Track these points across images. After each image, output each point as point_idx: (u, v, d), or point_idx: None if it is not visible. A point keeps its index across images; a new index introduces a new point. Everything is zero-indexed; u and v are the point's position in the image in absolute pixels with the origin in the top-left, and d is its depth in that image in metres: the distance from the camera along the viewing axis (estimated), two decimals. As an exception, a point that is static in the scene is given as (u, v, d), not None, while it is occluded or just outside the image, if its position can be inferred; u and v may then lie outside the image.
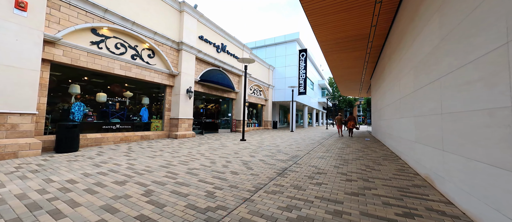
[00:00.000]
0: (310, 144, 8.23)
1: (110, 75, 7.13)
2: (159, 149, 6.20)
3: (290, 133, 14.17)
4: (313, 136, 12.00)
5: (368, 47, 8.42)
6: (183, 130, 9.24)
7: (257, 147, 7.16)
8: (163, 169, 4.02)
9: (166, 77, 8.89)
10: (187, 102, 9.43)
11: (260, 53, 21.40)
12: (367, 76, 13.11)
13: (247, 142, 8.66)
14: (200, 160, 4.89)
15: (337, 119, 14.64)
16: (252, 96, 16.54)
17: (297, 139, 10.05)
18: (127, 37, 7.36)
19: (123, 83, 7.86)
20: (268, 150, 6.67)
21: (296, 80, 18.94)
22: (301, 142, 8.98)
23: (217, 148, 6.74)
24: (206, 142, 8.10)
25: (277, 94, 19.74)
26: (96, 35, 6.46)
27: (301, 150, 6.74)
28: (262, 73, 18.00)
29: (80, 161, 4.47)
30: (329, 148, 7.27)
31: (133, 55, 7.57)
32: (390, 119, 7.11)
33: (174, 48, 9.15)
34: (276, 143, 8.49)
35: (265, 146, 7.56)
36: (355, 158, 5.51)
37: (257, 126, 18.09)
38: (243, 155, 5.76)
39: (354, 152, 6.62)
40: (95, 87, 7.23)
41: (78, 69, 6.38)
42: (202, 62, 10.86)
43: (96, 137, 6.53)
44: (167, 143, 7.46)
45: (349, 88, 18.22)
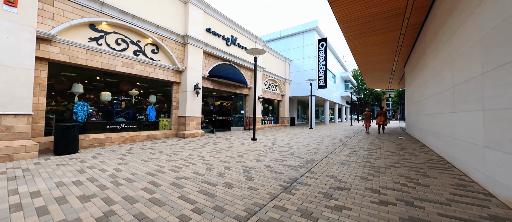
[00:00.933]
0: (330, 144, 7.07)
1: (116, 74, 6.86)
2: (159, 151, 5.70)
3: (308, 131, 12.96)
4: (334, 134, 10.67)
5: (403, 26, 6.87)
6: (191, 129, 8.77)
7: (267, 148, 6.28)
8: (147, 178, 3.39)
9: (172, 73, 8.45)
10: (194, 99, 8.91)
11: (276, 46, 20.23)
12: (400, 63, 11.22)
13: (257, 141, 7.82)
14: (196, 166, 4.20)
15: (365, 115, 13.08)
16: (267, 92, 15.60)
17: (316, 138, 8.90)
18: (128, 32, 6.99)
19: (132, 82, 7.59)
20: (279, 152, 5.76)
21: (315, 72, 17.44)
22: (319, 141, 7.84)
23: (222, 149, 6.03)
24: (213, 142, 7.48)
25: (294, 89, 18.47)
26: (94, 31, 6.16)
27: (318, 152, 5.68)
28: (277, 67, 16.90)
29: (70, 165, 4.11)
30: (353, 150, 6.07)
31: (136, 51, 7.20)
32: (435, 114, 5.63)
33: (180, 42, 8.65)
34: (291, 143, 7.50)
35: (277, 146, 6.65)
36: (389, 165, 4.31)
37: (274, 123, 17.14)
38: (248, 158, 4.94)
39: (387, 155, 5.35)
40: (106, 86, 7.00)
41: (87, 69, 6.18)
42: (211, 57, 10.24)
43: (99, 138, 6.30)
44: (172, 144, 6.99)
45: (377, 80, 16.14)
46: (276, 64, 16.65)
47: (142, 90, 8.04)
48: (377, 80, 16.60)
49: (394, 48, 8.87)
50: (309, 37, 18.03)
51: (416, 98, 8.83)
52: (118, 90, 7.31)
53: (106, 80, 7.04)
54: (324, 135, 10.42)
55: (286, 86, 18.09)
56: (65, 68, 5.96)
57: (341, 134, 11.05)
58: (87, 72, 6.47)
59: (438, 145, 5.39)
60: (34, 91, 5.14)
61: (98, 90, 6.85)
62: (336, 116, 26.84)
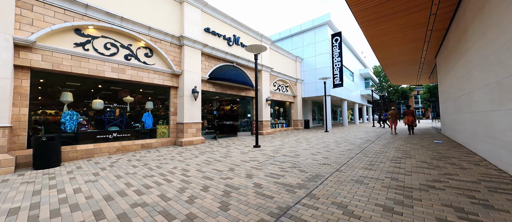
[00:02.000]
0: (345, 152, 5.87)
1: (115, 81, 6.51)
2: (144, 163, 5.08)
3: (322, 134, 11.64)
4: (352, 138, 9.29)
5: (433, 4, 5.51)
6: (189, 136, 8.15)
7: (268, 158, 5.33)
8: (98, 205, 2.68)
9: (168, 77, 7.95)
10: (193, 104, 8.30)
11: (286, 45, 19.18)
12: (430, 53, 9.51)
13: (260, 149, 6.89)
14: (170, 185, 3.43)
15: (391, 114, 11.53)
16: (277, 93, 14.60)
17: (329, 144, 7.69)
18: (118, 36, 6.63)
19: (133, 89, 7.22)
20: (280, 163, 4.77)
21: (329, 70, 16.01)
22: (333, 148, 6.65)
23: (214, 161, 5.23)
24: (210, 151, 6.73)
25: (307, 89, 17.18)
26: (80, 36, 5.85)
27: (328, 164, 4.58)
28: (287, 66, 15.84)
29: (34, 184, 3.61)
30: (374, 160, 4.84)
31: (127, 55, 6.81)
32: (489, 112, 4.21)
33: (175, 44, 8.15)
34: (298, 150, 6.44)
35: (280, 156, 5.65)
36: (426, 185, 3.10)
37: (285, 126, 16.01)
38: (238, 173, 4.06)
39: (421, 167, 4.07)
40: (104, 94, 6.71)
41: (81, 77, 5.90)
42: (211, 58, 9.63)
43: (88, 149, 5.91)
44: (164, 154, 6.38)
45: (402, 75, 14.21)
46: (285, 63, 15.61)
47: (140, 96, 7.65)
48: (402, 75, 14.64)
49: (422, 34, 7.37)
50: (321, 32, 16.71)
51: (454, 93, 7.19)
52: (114, 97, 6.96)
53: (103, 87, 6.74)
54: (340, 139, 9.10)
55: (297, 87, 16.90)
56: (57, 77, 5.70)
57: (361, 137, 9.60)
58: (81, 80, 6.19)
59: (497, 153, 3.96)
60: (14, 101, 4.87)
61: (92, 98, 6.53)
62: (356, 116, 24.70)
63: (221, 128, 12.57)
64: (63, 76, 5.80)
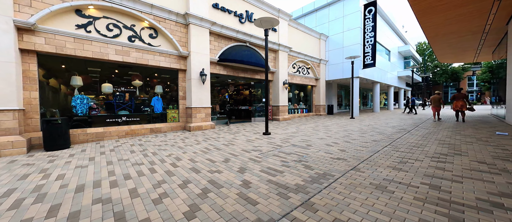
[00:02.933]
0: (370, 144, 4.82)
1: (125, 64, 6.42)
2: (144, 149, 4.90)
3: (347, 121, 10.33)
4: (382, 126, 7.90)
5: None
6: (198, 121, 7.87)
7: (273, 148, 4.65)
8: (55, 200, 2.41)
9: (175, 59, 7.58)
10: (201, 88, 7.90)
11: (310, 21, 17.23)
12: (499, 18, 7.18)
13: (268, 137, 6.22)
14: (150, 177, 3.05)
15: (433, 99, 9.71)
16: (296, 76, 13.37)
17: (352, 133, 6.59)
18: (120, 16, 6.34)
19: (141, 73, 7.12)
20: (285, 155, 4.06)
21: (359, 48, 13.93)
22: (355, 138, 5.60)
23: (214, 149, 4.77)
24: (216, 137, 6.32)
25: (332, 71, 15.42)
26: (81, 17, 5.69)
27: (344, 159, 3.70)
28: (309, 46, 14.25)
29: (27, 166, 3.63)
30: (407, 156, 3.76)
31: (131, 37, 6.55)
32: None
33: (181, 23, 7.62)
34: (312, 140, 5.58)
35: (288, 145, 4.91)
36: (488, 201, 2.08)
37: (306, 112, 14.87)
38: (232, 166, 3.49)
39: (476, 171, 2.93)
40: (117, 77, 6.77)
41: (92, 61, 5.92)
42: (221, 38, 8.92)
43: (97, 132, 6.02)
44: (170, 139, 6.20)
45: (456, 49, 11.48)
46: (307, 42, 14.03)
47: (149, 79, 7.53)
48: (455, 51, 11.86)
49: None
50: (352, 3, 14.37)
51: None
52: (124, 81, 6.94)
53: (113, 72, 6.73)
54: (367, 128, 7.82)
55: (321, 68, 15.27)
56: (68, 61, 5.76)
57: (393, 125, 8.12)
58: (94, 64, 6.21)
59: None
60: (24, 85, 5.02)
61: (104, 82, 6.56)
62: (391, 101, 21.85)
63: (235, 113, 12.15)
64: (76, 60, 5.84)
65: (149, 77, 7.58)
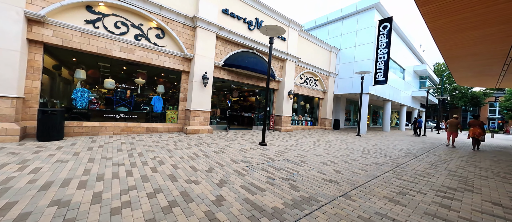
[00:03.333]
0: (370, 167, 4.41)
1: (131, 62, 6.51)
2: (131, 149, 4.79)
3: (352, 139, 9.81)
4: (389, 148, 7.38)
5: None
6: (196, 124, 7.75)
7: (264, 161, 4.37)
8: (13, 198, 2.29)
9: (179, 61, 7.60)
10: (202, 91, 7.83)
11: (322, 34, 17.02)
12: (527, 42, 6.59)
13: (263, 148, 5.94)
14: (123, 181, 2.88)
15: (450, 123, 9.10)
16: (303, 87, 13.08)
17: (353, 152, 6.16)
18: (129, 14, 6.47)
19: (145, 72, 7.22)
20: (274, 170, 3.77)
21: (370, 64, 13.47)
22: (356, 159, 5.20)
23: (202, 156, 4.57)
24: (209, 143, 6.14)
25: (341, 84, 14.98)
26: (91, 13, 5.84)
27: (336, 181, 3.36)
28: (319, 57, 13.98)
29: (12, 155, 3.60)
30: (409, 186, 3.35)
31: (137, 36, 6.64)
32: None
33: (189, 26, 7.68)
34: (308, 156, 5.25)
35: (281, 160, 4.61)
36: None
37: (311, 124, 14.42)
38: (213, 177, 3.26)
39: (489, 215, 2.49)
40: (126, 74, 6.92)
41: (104, 58, 6.05)
42: (228, 43, 8.90)
43: (93, 126, 6.04)
44: (163, 140, 6.09)
45: (475, 73, 10.73)
46: (317, 53, 13.78)
47: (156, 79, 7.60)
48: (475, 75, 11.10)
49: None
50: (366, 18, 14.06)
51: None
52: (126, 79, 7.02)
53: (124, 68, 6.86)
54: (371, 148, 7.33)
55: (329, 81, 14.88)
56: (80, 54, 5.93)
57: (401, 148, 7.56)
58: (104, 59, 6.37)
59: None
60: (27, 74, 5.14)
61: (110, 77, 6.66)
62: (403, 121, 20.85)
63: (238, 119, 11.99)
64: (87, 55, 5.98)
65: (153, 77, 7.63)
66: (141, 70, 7.30)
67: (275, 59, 10.93)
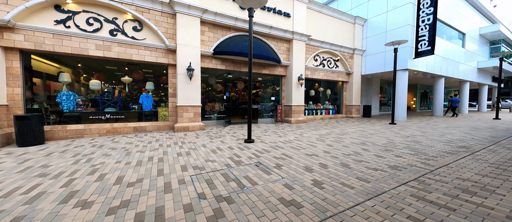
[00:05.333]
0: (380, 173, 2.87)
1: (110, 60, 6.30)
2: (104, 154, 4.36)
3: (380, 128, 7.70)
4: (431, 139, 5.26)
5: None
6: (185, 121, 7.11)
7: (222, 168, 3.31)
8: None
9: (163, 53, 7.01)
10: (188, 85, 7.09)
11: (344, 4, 14.27)
12: None
13: (247, 146, 4.82)
14: (66, 189, 2.28)
15: None
16: (319, 70, 11.13)
17: (369, 149, 4.47)
18: (100, 9, 6.09)
19: (132, 68, 6.98)
20: (223, 181, 2.70)
21: (408, 31, 10.49)
22: (366, 159, 3.62)
23: (159, 160, 3.79)
24: (193, 142, 5.37)
25: (372, 62, 12.28)
26: (60, 12, 5.63)
27: (302, 205, 2.07)
28: (338, 33, 11.66)
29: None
30: (435, 216, 1.82)
31: (112, 31, 6.25)
32: None
33: (168, 13, 6.95)
34: (294, 157, 3.92)
35: (250, 164, 3.46)
36: None
37: (333, 113, 12.37)
38: (120, 195, 2.41)
39: None
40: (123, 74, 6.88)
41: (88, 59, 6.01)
42: (217, 27, 7.87)
43: (78, 129, 5.97)
44: (145, 139, 5.61)
45: None
46: (335, 28, 11.49)
47: (138, 75, 7.26)
48: None
49: None
50: (401, -27, 10.92)
51: None
52: (114, 77, 6.84)
53: (105, 68, 6.73)
54: (402, 141, 5.36)
55: (355, 60, 12.37)
56: (67, 57, 5.94)
57: (451, 138, 5.32)
58: (95, 61, 6.35)
59: None
60: (7, 81, 5.24)
61: (107, 77, 6.59)
62: (465, 103, 16.35)
63: (241, 112, 11.01)
64: (68, 57, 5.95)
65: (141, 73, 7.27)
66: (135, 68, 7.07)
67: (278, 40, 9.40)
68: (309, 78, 10.86)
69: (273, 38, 9.22)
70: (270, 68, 9.39)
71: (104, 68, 6.79)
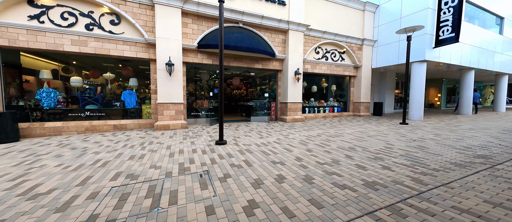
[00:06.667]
0: (342, 200, 2.12)
1: (81, 55, 6.17)
2: (58, 154, 4.15)
3: (384, 130, 6.64)
4: (443, 145, 4.23)
5: None
6: (166, 119, 6.76)
7: (157, 179, 2.80)
8: None
9: (143, 48, 6.68)
10: (169, 81, 6.70)
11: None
12: None
13: (215, 149, 4.26)
14: None
15: None
16: (321, 64, 10.12)
17: (354, 157, 3.65)
18: (75, 2, 5.88)
19: (112, 64, 6.86)
20: (133, 200, 2.18)
21: (428, 15, 8.99)
22: (340, 173, 2.86)
23: (101, 165, 3.42)
24: (157, 142, 4.97)
25: (384, 54, 10.89)
26: (34, 7, 5.51)
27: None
28: (344, 21, 10.47)
29: None
30: None
31: (88, 25, 6.04)
32: None
33: (146, 5, 6.57)
34: (254, 165, 3.27)
35: (192, 173, 2.90)
36: None
37: (339, 111, 11.28)
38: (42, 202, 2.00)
39: None
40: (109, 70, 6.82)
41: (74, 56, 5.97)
42: (201, 18, 7.34)
43: (56, 126, 5.90)
44: (110, 140, 5.35)
45: None
46: (340, 17, 10.32)
47: (125, 71, 7.06)
48: None
49: None
50: None
51: None
52: (95, 74, 6.73)
53: (86, 64, 6.65)
54: (402, 147, 4.39)
55: (364, 52, 11.08)
56: (53, 54, 5.92)
57: (470, 145, 4.23)
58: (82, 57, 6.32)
59: None
60: (-15, 79, 5.27)
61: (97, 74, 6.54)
62: (502, 98, 14.06)
63: (235, 109, 10.44)
64: (62, 54, 5.95)
65: (130, 70, 7.06)
66: (127, 65, 6.96)
67: (272, 31, 8.61)
68: (309, 73, 9.92)
69: (266, 29, 8.46)
70: (264, 62, 8.67)
71: (99, 65, 6.78)
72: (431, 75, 16.09)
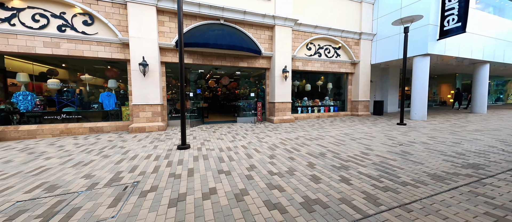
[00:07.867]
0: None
1: (53, 57, 6.11)
2: (6, 160, 4.02)
3: (380, 131, 5.98)
4: (434, 150, 3.61)
5: None
6: (142, 121, 6.55)
7: (101, 186, 2.51)
8: None
9: (118, 48, 6.51)
10: (143, 82, 6.48)
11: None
12: None
13: (172, 154, 3.93)
14: None
15: None
16: (314, 60, 9.52)
17: (316, 165, 3.16)
18: (46, 4, 5.79)
19: (94, 65, 6.81)
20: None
21: (431, 5, 8.11)
22: (285, 187, 2.41)
23: (63, 166, 3.20)
24: (127, 146, 4.74)
25: (384, 48, 10.05)
26: (4, 10, 5.47)
27: None
28: (339, 14, 9.77)
29: None
30: None
31: (60, 26, 5.94)
32: None
33: (119, 4, 6.38)
34: (198, 173, 2.89)
35: (138, 187, 2.58)
36: None
37: (335, 110, 10.60)
38: None
39: None
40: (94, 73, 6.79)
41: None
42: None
43: (30, 129, 5.86)
44: (86, 142, 5.20)
45: None
46: (335, 10, 9.64)
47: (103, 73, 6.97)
48: None
49: None
50: None
51: None
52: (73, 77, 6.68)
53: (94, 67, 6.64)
54: (379, 154, 3.81)
55: (362, 47, 10.31)
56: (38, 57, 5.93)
57: (465, 151, 3.57)
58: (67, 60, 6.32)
59: None
60: (-42, 83, 5.30)
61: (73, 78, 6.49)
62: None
63: (222, 110, 10.09)
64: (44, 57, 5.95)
65: (102, 71, 6.95)
66: (111, 67, 6.95)
67: (257, 27, 8.15)
68: (300, 71, 9.37)
69: (250, 26, 8.03)
70: (250, 61, 8.25)
71: (91, 67, 6.80)
72: (441, 70, 14.85)
